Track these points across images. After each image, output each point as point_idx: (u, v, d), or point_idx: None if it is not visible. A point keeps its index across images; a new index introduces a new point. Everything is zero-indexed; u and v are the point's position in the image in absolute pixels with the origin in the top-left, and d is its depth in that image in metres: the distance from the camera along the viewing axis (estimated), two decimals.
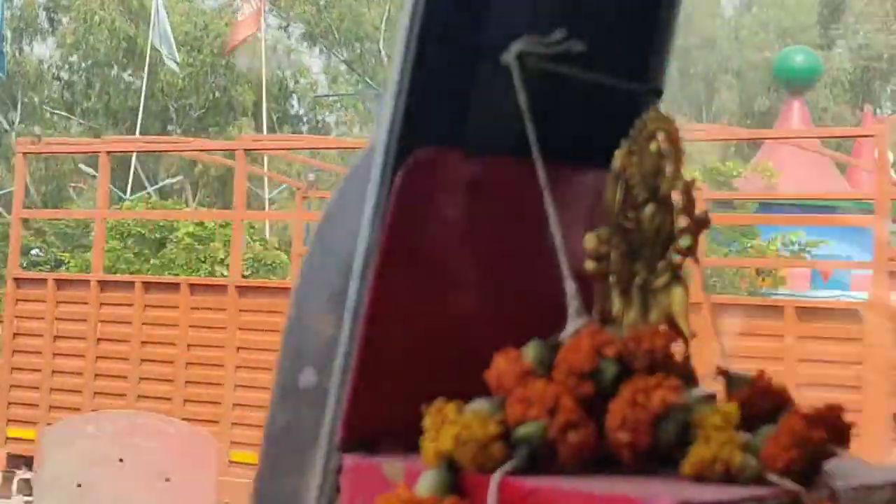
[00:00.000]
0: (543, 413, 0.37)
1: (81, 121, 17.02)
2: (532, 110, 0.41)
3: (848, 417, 0.40)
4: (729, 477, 0.38)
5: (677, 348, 0.41)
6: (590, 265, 0.41)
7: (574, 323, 0.40)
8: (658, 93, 0.46)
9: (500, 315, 0.44)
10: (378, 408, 0.40)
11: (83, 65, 17.30)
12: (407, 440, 0.38)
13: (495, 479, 0.36)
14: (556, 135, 0.43)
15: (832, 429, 0.38)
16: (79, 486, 4.58)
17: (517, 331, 0.42)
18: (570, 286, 0.40)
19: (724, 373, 0.42)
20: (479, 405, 0.39)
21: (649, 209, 0.41)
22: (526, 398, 0.38)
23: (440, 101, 0.41)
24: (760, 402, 0.40)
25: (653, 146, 0.40)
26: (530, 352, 0.40)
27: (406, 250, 0.41)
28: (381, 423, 0.39)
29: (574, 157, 0.45)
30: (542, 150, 0.42)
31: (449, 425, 0.37)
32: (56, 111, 17.39)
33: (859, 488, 0.39)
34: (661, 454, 0.39)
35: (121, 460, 4.53)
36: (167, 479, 4.51)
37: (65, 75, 17.84)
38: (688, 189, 0.41)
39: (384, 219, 0.40)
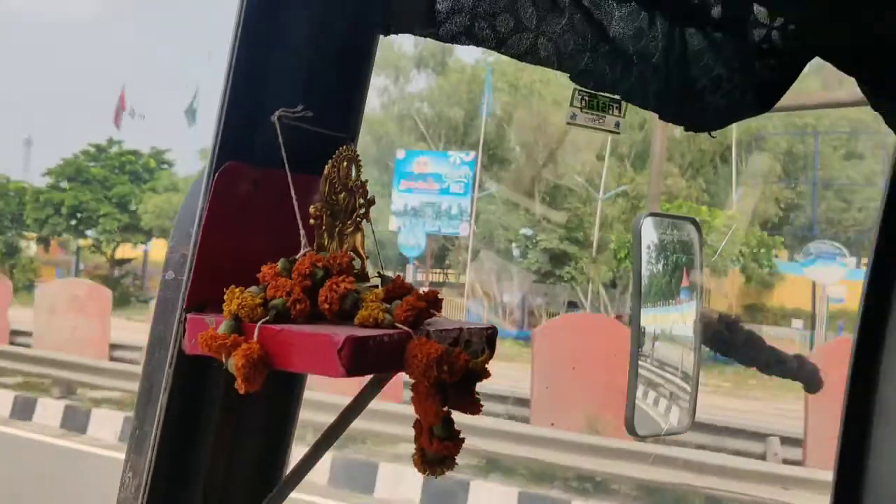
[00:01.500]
0: (284, 294, 0.73)
1: None
2: (289, 144, 0.76)
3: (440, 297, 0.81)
4: (378, 325, 0.75)
5: (357, 264, 0.79)
6: (311, 222, 0.77)
7: (303, 251, 0.77)
8: (352, 138, 0.83)
9: (272, 251, 0.78)
10: (205, 290, 0.73)
11: None
12: (219, 307, 0.72)
13: (258, 325, 0.71)
14: (302, 159, 0.79)
15: (431, 302, 0.78)
16: None
17: (279, 258, 0.77)
18: (302, 233, 0.77)
19: (379, 275, 0.80)
20: (253, 289, 0.73)
21: (343, 194, 0.79)
22: (276, 286, 0.73)
23: (241, 135, 0.75)
24: (397, 290, 0.79)
25: (345, 163, 0.78)
26: (279, 264, 0.75)
27: (219, 217, 0.75)
28: (207, 298, 0.73)
29: (311, 170, 0.81)
30: (294, 167, 0.78)
31: (236, 298, 0.71)
32: None
33: (441, 330, 0.78)
34: (345, 316, 0.76)
35: None
36: None
37: None
38: (364, 184, 0.80)
39: (208, 202, 0.73)
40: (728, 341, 1.34)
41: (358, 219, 0.77)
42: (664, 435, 1.15)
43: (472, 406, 0.69)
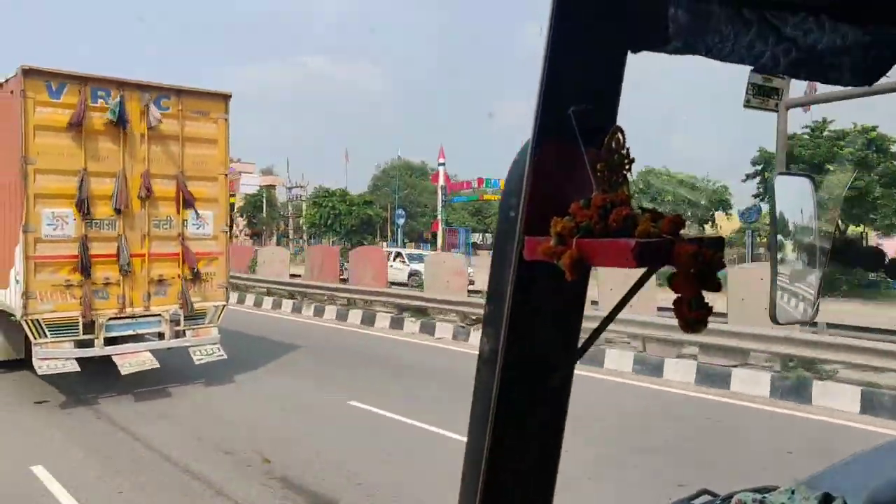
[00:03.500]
0: (588, 219, 0.94)
1: None
2: (581, 129, 1.10)
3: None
4: (649, 236, 0.92)
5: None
6: (598, 175, 1.11)
7: (595, 192, 1.07)
8: (614, 122, 1.18)
9: (576, 194, 0.84)
10: (535, 221, 0.82)
11: None
12: (545, 232, 0.88)
13: (574, 239, 0.94)
14: (587, 137, 1.13)
15: (681, 220, 1.09)
16: None
17: (582, 197, 0.85)
18: (594, 182, 1.06)
19: (641, 209, 1.14)
20: (567, 218, 0.88)
21: (616, 156, 1.14)
22: (582, 215, 0.98)
23: (551, 120, 1.13)
24: (658, 215, 1.09)
25: (617, 134, 1.14)
26: (582, 202, 0.92)
27: (540, 177, 0.91)
28: (535, 226, 0.82)
29: (593, 144, 1.15)
30: (585, 142, 1.00)
31: (558, 224, 0.80)
32: None
33: (691, 238, 1.04)
34: (625, 232, 0.95)
35: None
36: None
37: None
38: (628, 150, 1.15)
39: (532, 166, 1.11)
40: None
41: (625, 171, 1.07)
42: (798, 322, 1.47)
43: (715, 286, 0.98)
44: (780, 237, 1.50)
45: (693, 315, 0.89)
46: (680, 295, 0.88)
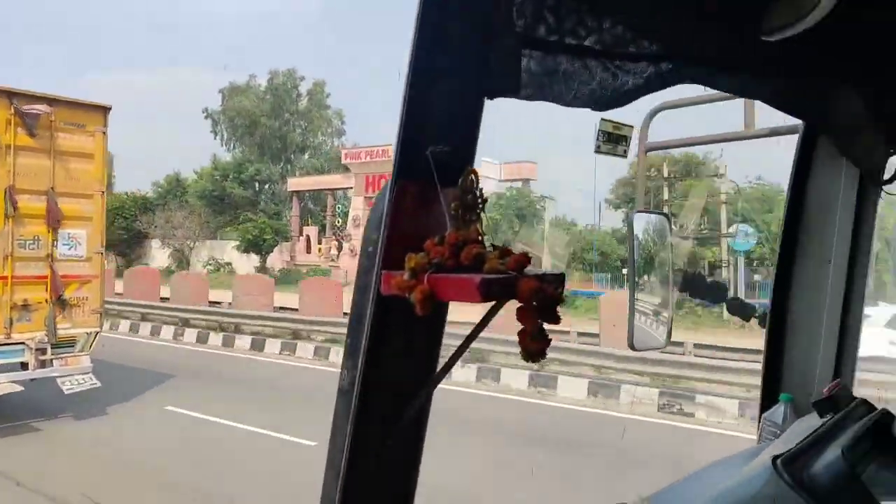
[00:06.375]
0: (440, 256, 0.92)
1: None
2: (438, 168, 1.08)
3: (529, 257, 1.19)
4: (496, 272, 0.79)
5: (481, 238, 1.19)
6: (451, 213, 1.07)
7: (449, 231, 0.92)
8: (471, 163, 1.23)
9: (431, 232, 0.87)
10: (392, 258, 0.85)
11: None
12: (402, 267, 0.82)
13: (426, 275, 0.89)
14: (444, 175, 0.88)
15: (526, 259, 1.15)
16: None
17: (436, 236, 0.86)
18: (448, 221, 0.95)
19: (493, 246, 1.19)
20: (421, 254, 0.81)
21: (469, 196, 1.16)
22: (435, 251, 0.89)
23: (410, 161, 1.17)
24: (506, 252, 1.03)
25: (470, 176, 1.20)
26: (436, 239, 0.83)
27: (398, 214, 0.90)
28: (392, 263, 0.85)
29: (450, 184, 0.95)
30: (441, 181, 0.85)
31: (412, 260, 0.77)
32: None
33: (535, 274, 0.94)
34: (477, 268, 0.80)
35: None
36: None
37: None
38: (481, 191, 1.21)
39: (392, 204, 1.10)
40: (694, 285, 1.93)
41: (478, 210, 1.11)
42: (654, 349, 1.65)
43: (554, 319, 1.05)
44: (637, 269, 1.64)
45: (534, 345, 0.92)
46: (523, 327, 0.91)
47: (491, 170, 34.27)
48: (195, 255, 40.46)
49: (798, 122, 1.74)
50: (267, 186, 47.83)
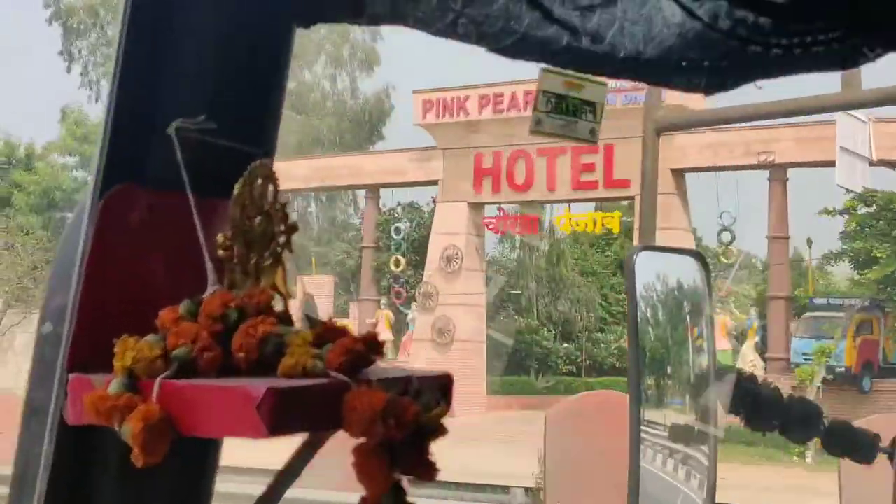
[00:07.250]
0: (189, 342, 0.60)
1: None
2: (191, 162, 0.65)
3: (380, 340, 0.69)
4: (305, 374, 0.63)
5: (278, 303, 0.67)
6: (220, 253, 0.65)
7: (211, 288, 0.64)
8: (268, 152, 0.72)
9: (173, 292, 0.65)
10: (91, 344, 0.59)
11: None
12: (109, 364, 0.59)
13: (158, 382, 0.58)
14: (208, 178, 0.67)
15: (369, 345, 0.67)
16: None
17: (182, 299, 0.65)
18: (209, 267, 0.64)
19: (308, 317, 0.68)
20: (150, 337, 0.60)
21: (258, 219, 0.67)
22: (178, 333, 0.60)
23: (132, 152, 0.63)
24: (329, 333, 0.67)
25: (259, 181, 0.66)
26: (182, 307, 0.62)
27: (107, 252, 0.62)
28: (93, 354, 0.59)
29: (220, 192, 0.69)
30: (197, 188, 0.66)
31: (130, 350, 0.58)
32: None
33: (385, 379, 0.67)
34: (265, 366, 0.63)
35: None
36: None
37: None
38: (283, 207, 0.68)
39: (92, 234, 0.61)
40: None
41: (278, 248, 0.66)
42: None
43: (427, 469, 0.58)
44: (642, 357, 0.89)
45: None
46: (363, 495, 0.58)
47: (850, 133, 14.68)
48: None
49: None
50: None
